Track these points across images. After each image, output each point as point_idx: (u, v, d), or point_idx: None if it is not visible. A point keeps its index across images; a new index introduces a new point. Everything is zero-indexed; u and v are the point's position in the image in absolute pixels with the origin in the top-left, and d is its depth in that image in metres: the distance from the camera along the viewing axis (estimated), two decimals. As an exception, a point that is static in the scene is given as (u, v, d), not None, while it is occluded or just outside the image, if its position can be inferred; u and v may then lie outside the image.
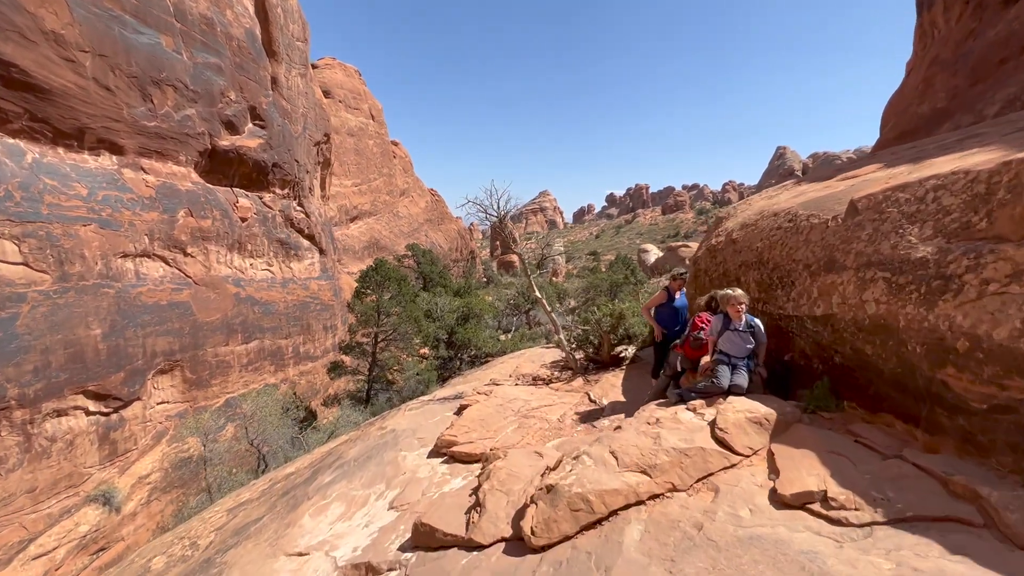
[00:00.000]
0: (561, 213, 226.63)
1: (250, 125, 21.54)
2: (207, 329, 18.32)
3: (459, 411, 7.38)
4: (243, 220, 21.10)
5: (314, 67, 54.73)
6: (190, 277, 17.89)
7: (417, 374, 25.66)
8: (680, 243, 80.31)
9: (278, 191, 23.86)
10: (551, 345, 26.67)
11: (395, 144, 73.49)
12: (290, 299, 24.10)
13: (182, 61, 17.57)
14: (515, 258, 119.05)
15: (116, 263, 14.91)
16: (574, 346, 9.21)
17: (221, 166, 20.34)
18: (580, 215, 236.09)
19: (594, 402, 7.00)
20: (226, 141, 20.01)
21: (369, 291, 23.86)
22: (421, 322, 25.97)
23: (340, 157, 52.65)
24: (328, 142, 32.11)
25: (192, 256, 18.06)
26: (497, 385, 8.62)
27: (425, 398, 9.43)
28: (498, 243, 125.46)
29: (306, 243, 26.25)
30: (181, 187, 17.61)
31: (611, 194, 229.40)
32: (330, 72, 60.64)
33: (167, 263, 17.03)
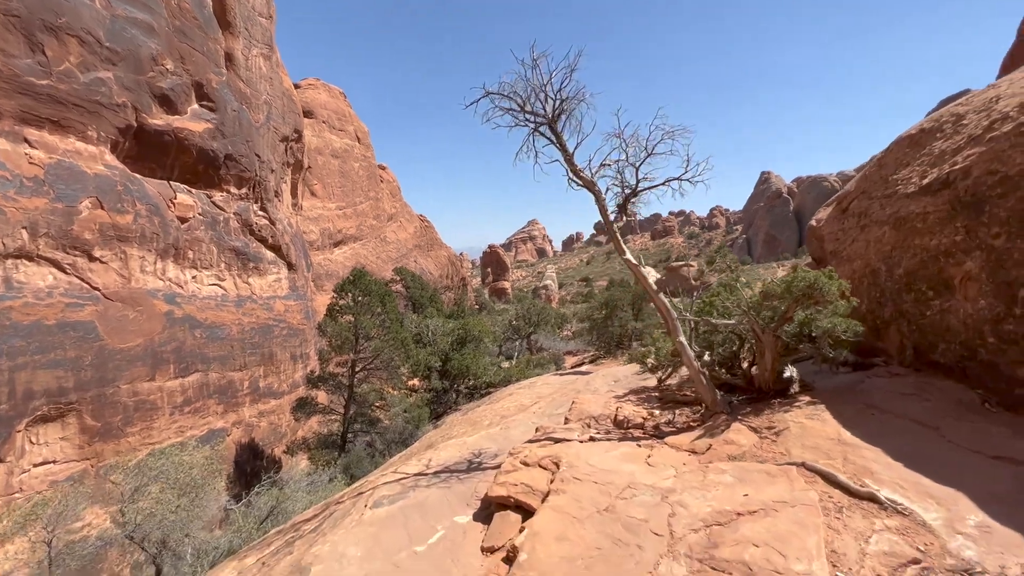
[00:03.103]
0: (550, 241, 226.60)
1: (195, 105, 17.45)
2: (122, 359, 13.69)
3: (486, 515, 3.03)
4: (182, 221, 16.74)
5: (297, 87, 51.78)
6: (97, 289, 13.38)
7: (405, 411, 21.03)
8: (680, 263, 76.76)
9: (233, 190, 19.60)
10: (565, 371, 22.06)
11: (382, 168, 70.56)
12: (247, 321, 19.51)
13: (92, 8, 13.53)
14: (507, 285, 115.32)
15: (-32, 264, 10.45)
16: (708, 359, 4.87)
17: (154, 152, 16.10)
18: (569, 243, 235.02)
19: (850, 492, 2.73)
20: (159, 120, 15.84)
21: (345, 310, 19.37)
22: (409, 347, 21.45)
23: (324, 179, 49.63)
24: (300, 141, 28.14)
25: (102, 261, 13.59)
26: (554, 440, 4.27)
27: (411, 470, 4.99)
28: (489, 270, 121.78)
29: (270, 255, 21.84)
30: (87, 170, 13.29)
31: (599, 222, 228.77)
32: (313, 92, 58.04)
33: (61, 269, 12.55)
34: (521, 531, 2.72)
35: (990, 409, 4.03)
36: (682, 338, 4.49)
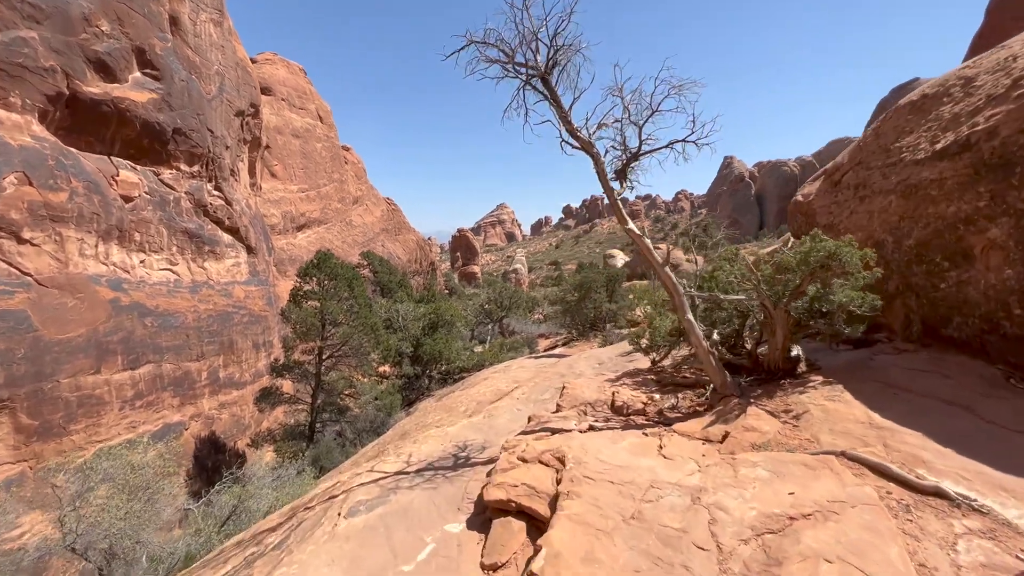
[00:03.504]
0: (519, 225, 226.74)
1: (136, 74, 15.94)
2: (61, 351, 12.53)
3: (482, 521, 2.60)
4: (127, 200, 15.38)
5: (253, 61, 49.06)
6: (29, 274, 12.12)
7: (375, 398, 20.38)
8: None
9: (184, 167, 18.19)
10: (539, 354, 21.77)
11: (346, 149, 68.15)
12: (203, 308, 18.33)
13: (11, -44, 12.03)
14: (477, 269, 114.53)
15: None
16: (715, 338, 4.51)
17: (92, 124, 14.64)
18: (538, 227, 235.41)
19: (910, 486, 2.40)
20: (95, 88, 14.37)
21: (310, 295, 18.41)
22: (379, 332, 20.66)
23: (284, 160, 47.44)
24: (257, 116, 26.48)
25: (33, 244, 12.30)
26: (551, 431, 3.85)
27: (390, 467, 4.48)
28: (459, 254, 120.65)
29: (227, 238, 20.54)
30: (11, 141, 11.90)
31: (567, 206, 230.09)
32: (271, 68, 55.14)
33: (-16, 252, 11.28)
34: (537, 551, 2.28)
35: (1016, 385, 3.85)
36: (690, 315, 4.08)
